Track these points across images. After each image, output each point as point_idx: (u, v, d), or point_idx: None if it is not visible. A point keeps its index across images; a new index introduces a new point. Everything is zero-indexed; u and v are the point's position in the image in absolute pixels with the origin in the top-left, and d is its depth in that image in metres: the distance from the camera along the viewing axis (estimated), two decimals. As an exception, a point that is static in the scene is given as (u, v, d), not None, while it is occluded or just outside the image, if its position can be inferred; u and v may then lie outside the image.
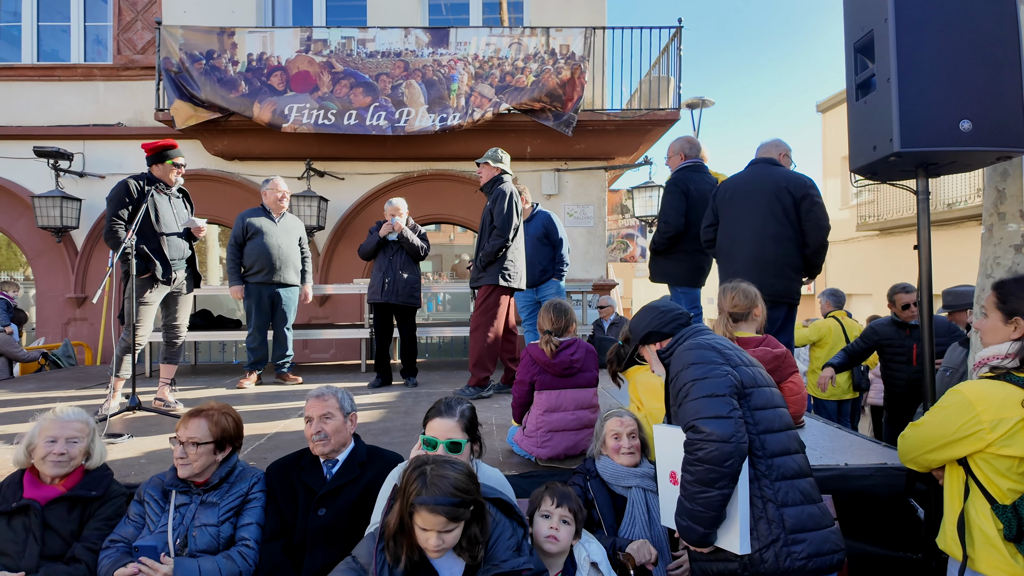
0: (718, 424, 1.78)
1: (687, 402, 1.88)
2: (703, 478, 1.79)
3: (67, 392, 5.04)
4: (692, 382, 1.89)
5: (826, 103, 17.02)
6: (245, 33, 7.19)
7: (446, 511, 1.63)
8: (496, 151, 4.72)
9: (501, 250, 4.47)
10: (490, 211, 4.54)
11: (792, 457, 1.90)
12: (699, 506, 1.81)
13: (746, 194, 3.80)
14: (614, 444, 2.43)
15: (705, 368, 1.90)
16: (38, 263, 7.87)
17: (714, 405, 1.82)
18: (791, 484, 1.85)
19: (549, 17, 7.89)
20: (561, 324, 2.98)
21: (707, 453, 1.77)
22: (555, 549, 2.05)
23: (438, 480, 1.66)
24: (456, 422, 2.11)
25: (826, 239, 3.71)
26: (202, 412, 2.34)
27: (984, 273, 2.75)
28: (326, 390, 2.45)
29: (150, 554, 2.10)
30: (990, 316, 2.12)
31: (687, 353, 2.00)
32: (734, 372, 1.91)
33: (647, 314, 2.23)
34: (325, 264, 7.97)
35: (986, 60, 2.29)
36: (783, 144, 4.03)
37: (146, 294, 4.05)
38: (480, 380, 4.55)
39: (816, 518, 1.84)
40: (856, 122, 2.64)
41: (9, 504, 2.21)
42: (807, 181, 3.73)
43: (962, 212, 12.02)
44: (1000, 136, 2.30)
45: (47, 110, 7.85)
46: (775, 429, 1.91)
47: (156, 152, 4.11)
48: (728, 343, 2.07)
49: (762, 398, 1.94)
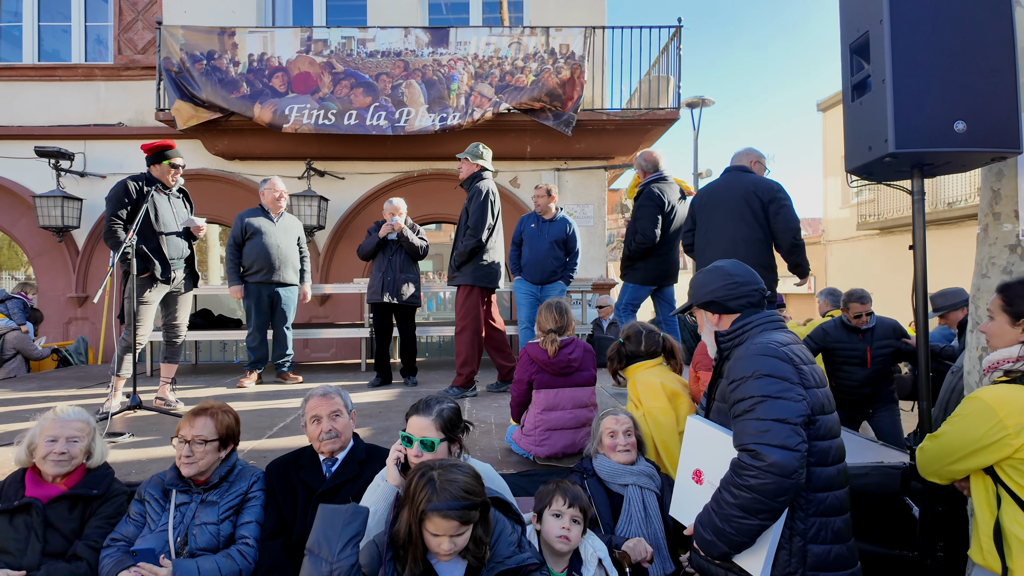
0: (783, 456, 1.60)
1: (749, 419, 1.68)
2: (748, 506, 1.64)
3: (68, 391, 5.07)
4: (762, 398, 1.68)
5: (826, 102, 17.02)
6: (245, 33, 7.21)
7: (459, 515, 1.63)
8: (477, 146, 4.70)
9: (474, 250, 4.48)
10: (466, 209, 4.55)
11: (835, 493, 1.76)
12: (732, 530, 1.68)
13: (719, 200, 4.03)
14: (610, 442, 2.45)
15: (780, 386, 1.69)
16: (39, 263, 7.90)
17: (783, 433, 1.62)
18: (825, 521, 1.73)
19: (549, 17, 7.90)
20: (563, 323, 3.00)
21: (761, 484, 1.60)
22: (566, 549, 2.06)
23: (448, 485, 1.66)
24: (432, 421, 2.07)
25: (797, 239, 3.88)
26: (205, 410, 2.37)
27: (979, 273, 2.75)
28: (330, 389, 2.47)
29: (148, 557, 2.10)
30: (996, 319, 2.07)
31: (760, 359, 1.75)
32: (807, 396, 1.71)
33: (716, 278, 1.98)
34: (325, 264, 7.99)
35: (981, 61, 2.30)
36: (755, 152, 4.25)
37: (145, 293, 4.06)
38: (466, 379, 4.57)
39: (841, 559, 1.73)
40: (852, 123, 2.66)
41: (11, 502, 2.23)
42: (775, 186, 3.93)
43: (962, 211, 12.02)
44: (995, 137, 2.31)
45: (48, 110, 7.88)
46: (827, 463, 1.75)
47: (154, 153, 4.13)
48: (804, 354, 1.83)
49: (825, 427, 1.75)
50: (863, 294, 4.41)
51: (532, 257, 5.29)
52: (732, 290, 1.94)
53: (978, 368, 2.70)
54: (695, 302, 2.04)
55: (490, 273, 4.57)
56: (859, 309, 4.40)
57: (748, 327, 1.88)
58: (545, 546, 2.09)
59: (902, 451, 3.14)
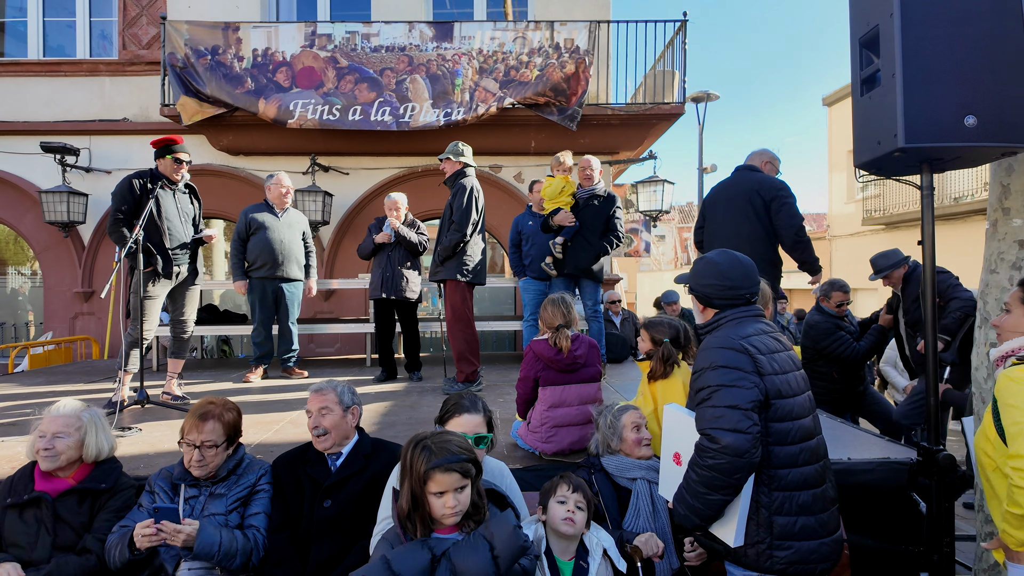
0: (735, 438, 1.77)
1: (707, 406, 1.86)
2: (709, 483, 1.81)
3: (75, 386, 5.10)
4: (717, 387, 1.86)
5: (832, 96, 16.90)
6: (250, 28, 7.20)
7: (460, 467, 1.73)
8: (457, 145, 4.70)
9: (459, 245, 4.48)
10: (450, 205, 4.56)
11: (798, 470, 1.89)
12: (700, 504, 1.86)
13: (725, 198, 4.21)
14: (635, 436, 2.45)
15: (732, 375, 1.86)
16: (45, 257, 7.93)
17: (734, 417, 1.79)
18: (789, 495, 1.88)
19: (553, 11, 7.87)
20: (570, 318, 3.00)
21: (717, 463, 1.78)
22: (572, 531, 2.08)
23: (444, 444, 1.77)
24: (483, 417, 2.19)
25: (800, 235, 4.00)
26: (209, 414, 2.33)
27: (988, 269, 2.74)
28: (326, 385, 2.48)
29: (170, 516, 2.12)
30: (1014, 312, 2.10)
31: (718, 352, 1.92)
32: (761, 383, 1.87)
33: (711, 274, 2.09)
34: (330, 259, 7.99)
35: (991, 55, 2.28)
36: (768, 153, 4.39)
37: (150, 288, 4.08)
38: (468, 375, 4.57)
39: (809, 529, 1.87)
40: (860, 117, 2.64)
41: (21, 496, 2.26)
42: (778, 184, 4.07)
43: (969, 206, 11.95)
44: (1005, 132, 2.29)
45: (53, 105, 7.89)
46: (787, 442, 1.89)
47: (161, 147, 4.15)
48: (769, 344, 1.97)
49: (783, 410, 1.90)
50: (843, 284, 4.74)
51: (538, 253, 5.28)
52: (720, 291, 2.06)
53: (986, 364, 2.69)
54: (689, 284, 2.17)
55: (474, 269, 4.57)
56: (841, 298, 4.66)
57: (721, 322, 2.04)
58: (552, 534, 2.12)
59: (908, 446, 3.14)
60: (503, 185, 7.99)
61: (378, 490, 2.25)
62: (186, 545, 2.08)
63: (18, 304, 8.45)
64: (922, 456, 2.60)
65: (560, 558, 2.08)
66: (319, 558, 2.23)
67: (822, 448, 2.01)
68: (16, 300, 8.46)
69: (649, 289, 23.32)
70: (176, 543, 2.07)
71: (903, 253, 4.44)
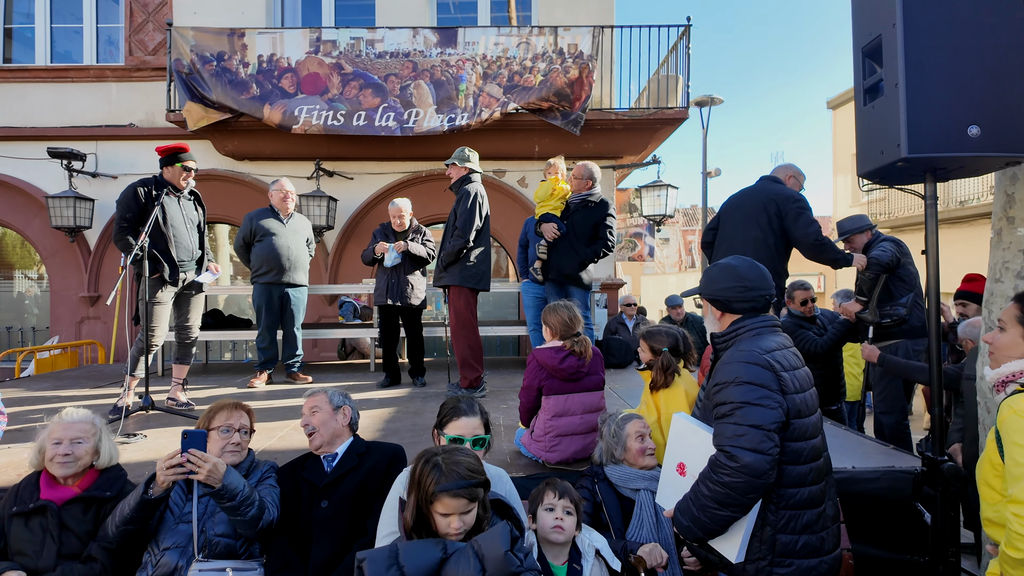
0: (754, 458, 1.72)
1: (728, 422, 1.80)
2: (721, 500, 1.77)
3: (81, 391, 5.12)
4: (741, 404, 1.79)
5: (836, 100, 16.89)
6: (255, 34, 7.24)
7: (467, 492, 1.71)
8: (463, 150, 4.72)
9: (462, 251, 4.49)
10: (455, 211, 4.57)
11: (806, 489, 1.86)
12: (707, 519, 1.82)
13: (742, 204, 4.26)
14: (639, 446, 2.45)
15: (757, 393, 1.79)
16: (52, 262, 7.97)
17: (756, 437, 1.74)
18: (794, 514, 1.85)
19: (557, 16, 7.88)
20: (578, 325, 3.00)
21: (734, 482, 1.74)
22: (562, 538, 2.09)
23: (454, 466, 1.74)
24: (480, 420, 2.22)
25: (819, 239, 4.03)
26: (237, 404, 2.49)
27: (993, 278, 2.73)
28: (317, 390, 2.60)
29: (199, 442, 2.16)
30: (1009, 330, 1.95)
31: (742, 367, 1.84)
32: (784, 403, 1.81)
33: (728, 277, 2.02)
34: (334, 264, 8.01)
35: (995, 65, 2.27)
36: (793, 167, 4.44)
37: (157, 294, 4.10)
38: (472, 381, 4.58)
39: (810, 548, 1.85)
40: (864, 127, 2.63)
41: (26, 505, 2.27)
42: (794, 195, 4.13)
43: (974, 210, 11.91)
44: (1009, 141, 2.28)
45: (60, 111, 7.94)
46: (800, 461, 1.86)
47: (168, 155, 4.17)
48: (790, 360, 1.92)
49: (799, 430, 1.86)
50: (804, 282, 4.88)
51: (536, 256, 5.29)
52: (740, 293, 1.99)
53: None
54: (704, 293, 2.09)
55: (477, 274, 4.56)
56: (804, 296, 4.79)
57: (741, 331, 1.96)
58: (543, 541, 2.13)
59: (913, 455, 3.13)
60: (507, 190, 8.00)
61: (373, 487, 2.30)
62: (209, 481, 2.14)
63: (25, 308, 8.49)
64: (926, 466, 2.59)
65: (553, 563, 2.10)
66: (319, 558, 2.26)
67: (827, 466, 1.98)
68: (23, 304, 8.51)
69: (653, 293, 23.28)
70: (201, 476, 2.13)
71: (870, 220, 4.52)
